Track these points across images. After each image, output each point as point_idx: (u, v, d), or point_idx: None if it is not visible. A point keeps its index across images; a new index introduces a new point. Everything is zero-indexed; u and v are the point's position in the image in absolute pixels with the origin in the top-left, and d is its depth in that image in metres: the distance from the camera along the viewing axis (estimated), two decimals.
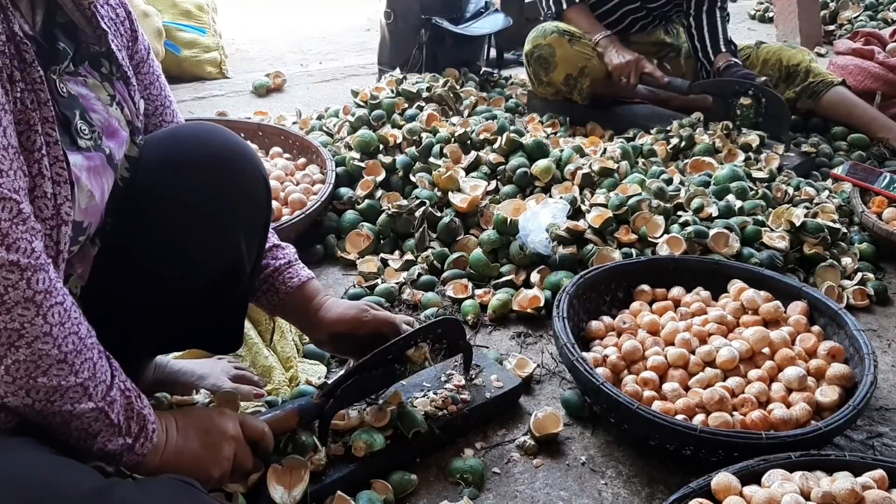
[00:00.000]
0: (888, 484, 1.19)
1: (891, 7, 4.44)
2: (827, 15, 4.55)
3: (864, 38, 3.39)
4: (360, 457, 1.33)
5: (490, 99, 3.14)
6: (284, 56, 3.93)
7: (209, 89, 3.29)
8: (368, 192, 2.28)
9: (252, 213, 1.25)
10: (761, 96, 2.69)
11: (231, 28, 3.97)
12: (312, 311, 1.40)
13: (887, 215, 2.24)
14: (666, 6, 2.98)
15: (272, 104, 3.15)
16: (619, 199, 2.10)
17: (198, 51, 3.43)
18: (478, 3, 3.40)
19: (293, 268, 1.41)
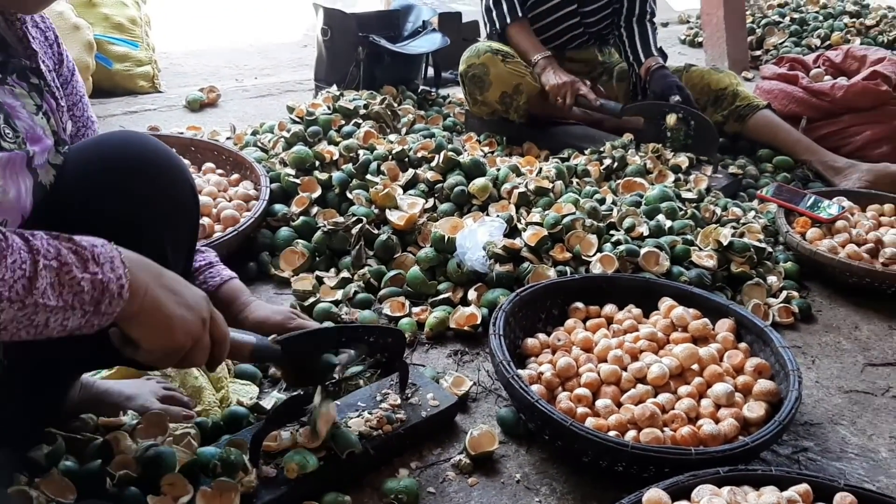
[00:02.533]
0: (813, 498, 1.22)
1: (814, 34, 4.63)
2: (754, 41, 4.71)
3: (788, 63, 3.52)
4: (292, 478, 1.30)
5: (428, 117, 3.15)
6: (219, 71, 3.88)
7: (141, 103, 3.22)
8: (304, 208, 2.26)
9: (179, 220, 1.23)
10: (690, 119, 2.77)
11: (164, 42, 3.89)
12: (236, 311, 1.37)
13: (810, 235, 2.32)
14: (601, 23, 3.08)
15: (206, 119, 3.10)
16: (554, 218, 2.13)
17: (130, 64, 3.35)
18: (415, 23, 3.42)
19: (214, 268, 1.39)
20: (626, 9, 3.05)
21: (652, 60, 2.97)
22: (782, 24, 4.80)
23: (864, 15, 4.83)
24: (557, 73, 2.85)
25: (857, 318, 2.10)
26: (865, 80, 3.03)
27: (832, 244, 2.24)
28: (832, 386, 1.82)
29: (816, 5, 5.02)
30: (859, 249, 2.21)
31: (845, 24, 4.67)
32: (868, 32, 4.61)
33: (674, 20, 5.48)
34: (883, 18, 4.75)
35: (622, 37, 3.07)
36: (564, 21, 2.98)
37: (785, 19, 4.85)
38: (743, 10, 4.53)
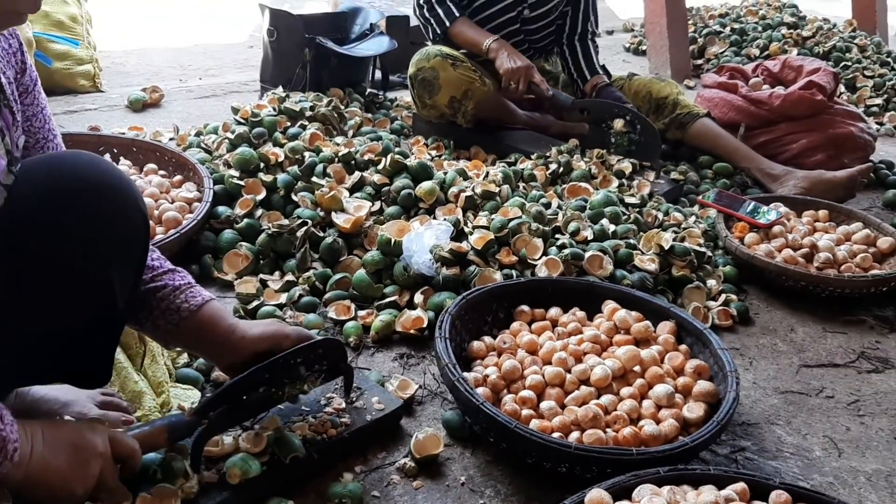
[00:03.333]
0: (749, 496, 1.25)
1: (753, 44, 4.75)
2: (695, 49, 4.82)
3: (728, 72, 3.60)
4: (234, 484, 1.28)
5: (375, 120, 3.14)
6: (163, 71, 3.80)
7: (81, 103, 3.14)
8: (248, 210, 2.23)
9: (127, 246, 1.19)
10: (636, 123, 2.82)
11: (106, 40, 3.81)
12: (227, 332, 1.35)
13: (748, 240, 2.38)
14: (544, 40, 3.14)
15: (148, 120, 3.04)
16: (501, 222, 2.14)
17: (70, 63, 3.27)
18: (363, 25, 3.40)
19: (194, 288, 1.36)
20: (569, 27, 3.12)
21: (598, 78, 3.04)
22: (723, 34, 4.92)
23: (801, 26, 4.98)
24: (512, 57, 2.85)
25: (792, 321, 2.17)
26: (802, 90, 3.12)
27: (769, 249, 2.31)
28: (769, 387, 1.86)
29: (755, 16, 5.16)
30: (795, 254, 2.28)
31: (783, 34, 4.81)
32: (805, 43, 4.76)
33: (619, 28, 5.57)
34: (819, 30, 4.90)
35: (565, 54, 3.14)
36: (508, 38, 3.00)
37: (725, 29, 4.97)
38: (685, 20, 4.64)
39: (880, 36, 5.33)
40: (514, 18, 2.99)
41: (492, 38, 2.88)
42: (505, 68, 2.82)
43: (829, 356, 2.02)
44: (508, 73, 2.82)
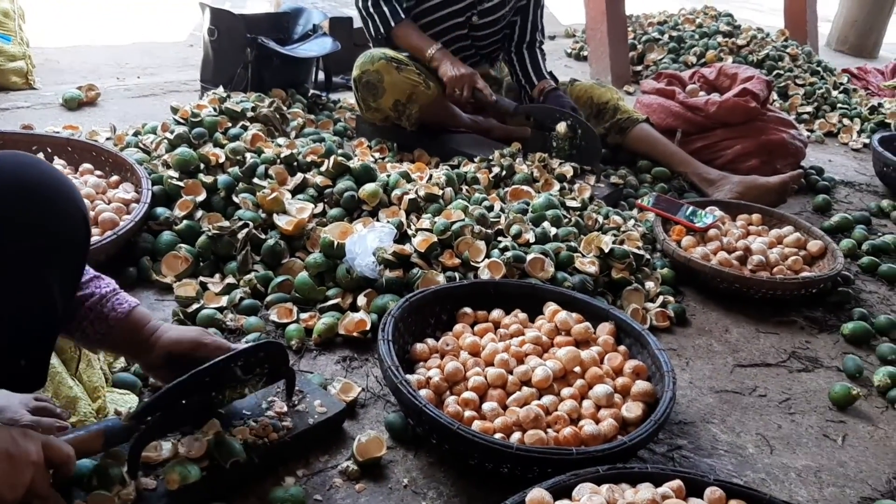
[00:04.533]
0: (685, 493, 1.28)
1: (690, 52, 4.87)
2: (635, 56, 4.92)
3: (666, 79, 3.69)
4: (173, 490, 1.26)
5: (318, 122, 3.12)
6: (99, 69, 3.70)
7: (13, 100, 3.04)
8: (187, 212, 2.19)
9: (67, 252, 1.16)
10: (578, 127, 2.86)
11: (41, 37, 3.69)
12: (147, 334, 1.35)
13: (685, 243, 2.44)
14: (491, 46, 3.17)
15: (84, 118, 2.96)
16: (444, 224, 2.15)
17: (2, 59, 3.16)
18: (306, 26, 3.38)
19: (119, 295, 1.35)
20: (517, 36, 3.16)
21: (545, 83, 3.08)
22: (661, 41, 5.03)
23: (736, 35, 5.12)
24: (455, 65, 2.87)
25: (727, 322, 2.23)
26: (736, 97, 3.21)
27: (705, 252, 2.37)
28: (704, 386, 1.91)
29: (693, 25, 5.29)
30: (729, 256, 2.35)
31: (719, 42, 4.94)
32: (739, 52, 4.90)
33: (560, 34, 5.64)
34: (753, 39, 5.05)
35: (512, 62, 3.18)
36: (456, 42, 3.04)
37: (664, 37, 5.08)
38: (625, 27, 4.72)
39: (811, 46, 5.53)
40: (462, 24, 3.01)
41: (435, 46, 2.89)
42: (449, 76, 2.84)
43: (762, 356, 2.08)
44: (452, 80, 2.84)
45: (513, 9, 3.12)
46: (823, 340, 2.20)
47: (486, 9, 3.01)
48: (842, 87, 4.72)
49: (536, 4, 3.16)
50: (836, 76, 4.90)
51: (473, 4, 2.97)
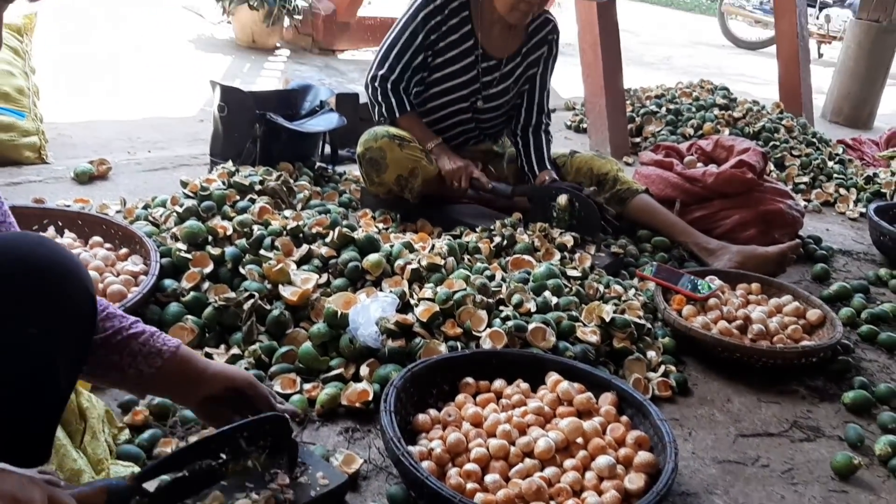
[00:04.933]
0: None
1: (688, 124, 4.97)
2: (634, 128, 5.03)
3: (664, 150, 3.77)
4: None
5: (324, 193, 3.19)
6: (111, 143, 3.80)
7: (26, 175, 3.11)
8: (195, 284, 2.23)
9: (73, 332, 1.19)
10: (575, 200, 2.93)
11: (54, 112, 3.79)
12: (201, 367, 1.40)
13: (686, 312, 2.47)
14: (495, 127, 3.29)
15: (95, 192, 3.02)
16: (446, 294, 2.19)
17: (15, 135, 3.25)
18: (313, 102, 3.48)
19: (163, 335, 1.40)
20: (523, 119, 3.28)
21: (546, 174, 3.16)
22: (659, 113, 5.14)
23: (733, 108, 5.24)
24: (452, 159, 2.99)
25: (729, 391, 2.23)
26: (733, 169, 3.28)
27: (705, 321, 2.39)
28: (707, 457, 1.91)
29: (690, 98, 5.42)
30: (730, 326, 2.37)
31: (716, 115, 5.05)
32: (736, 124, 5.00)
33: (561, 107, 5.77)
34: (749, 111, 5.16)
35: (518, 144, 3.28)
36: (460, 124, 3.17)
37: (662, 109, 5.20)
38: (623, 100, 4.84)
39: (806, 118, 5.65)
40: (467, 108, 3.14)
41: (434, 141, 3.03)
42: (446, 170, 2.96)
43: (764, 426, 2.08)
44: (450, 173, 2.96)
45: (518, 93, 3.23)
46: (825, 409, 2.20)
47: (491, 94, 3.13)
48: (837, 158, 4.81)
49: (542, 88, 3.28)
50: (831, 147, 4.99)
51: (478, 90, 3.10)
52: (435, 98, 3.11)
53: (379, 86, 3.01)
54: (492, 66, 3.10)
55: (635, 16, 13.17)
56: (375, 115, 3.07)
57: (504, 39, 3.10)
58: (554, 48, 3.24)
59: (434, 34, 2.97)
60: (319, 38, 6.82)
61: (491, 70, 3.11)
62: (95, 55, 5.50)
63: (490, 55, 3.09)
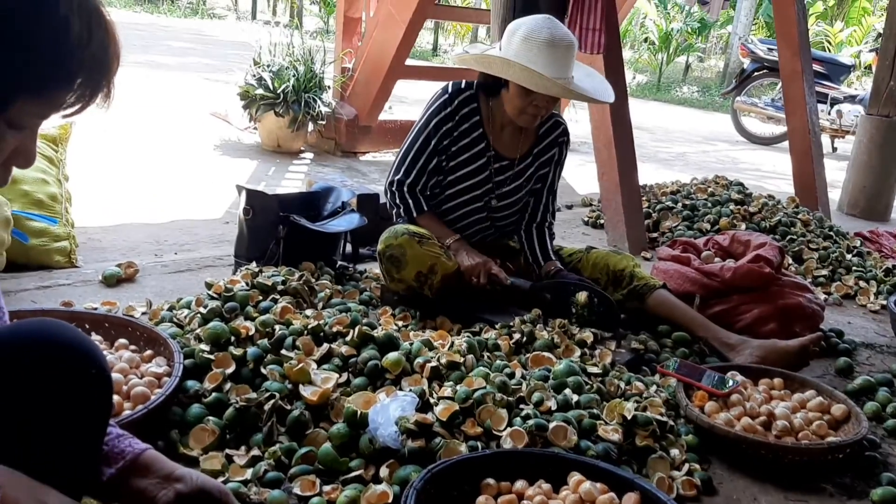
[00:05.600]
0: None
1: (704, 219, 5.02)
2: (651, 223, 5.08)
3: (681, 246, 3.81)
4: None
5: (345, 291, 3.24)
6: (139, 246, 3.91)
7: (55, 278, 3.20)
8: (216, 384, 2.26)
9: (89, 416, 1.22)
10: (594, 297, 2.95)
11: (84, 217, 3.93)
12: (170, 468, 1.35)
13: (709, 408, 2.44)
14: (509, 226, 3.41)
15: (122, 294, 3.10)
16: (466, 392, 2.19)
17: (47, 240, 3.36)
18: (335, 203, 3.58)
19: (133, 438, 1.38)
20: (529, 215, 3.41)
21: (551, 264, 3.28)
22: (675, 209, 5.20)
23: (748, 202, 5.30)
24: (470, 255, 3.07)
25: (755, 490, 2.19)
26: (750, 263, 3.30)
27: (728, 417, 2.36)
28: None
29: (705, 194, 5.49)
30: (753, 422, 2.34)
31: (731, 210, 5.10)
32: (752, 218, 5.04)
33: (577, 203, 5.87)
34: (764, 206, 5.21)
35: (521, 238, 3.41)
36: (476, 224, 3.30)
37: (678, 205, 5.27)
38: (639, 197, 4.92)
39: (822, 211, 5.69)
40: (482, 207, 3.27)
41: (452, 237, 3.15)
42: (465, 266, 3.04)
43: None
44: (469, 269, 3.04)
45: (528, 192, 3.36)
46: None
47: (504, 193, 3.27)
48: (855, 251, 4.81)
49: (549, 191, 3.43)
50: (848, 240, 5.00)
51: (492, 189, 3.23)
52: (451, 199, 3.23)
53: (397, 190, 3.16)
54: (504, 166, 3.22)
55: (649, 114, 13.49)
56: (394, 215, 3.20)
57: (515, 141, 3.23)
58: (564, 150, 3.37)
59: (446, 139, 3.12)
60: (342, 141, 7.04)
61: (504, 170, 3.22)
62: (126, 161, 5.72)
63: (502, 156, 3.21)
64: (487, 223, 3.31)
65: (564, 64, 2.92)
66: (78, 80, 1.01)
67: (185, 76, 10.61)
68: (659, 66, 20.32)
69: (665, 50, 20.14)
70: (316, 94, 6.64)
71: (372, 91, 6.85)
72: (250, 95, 6.55)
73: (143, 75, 9.36)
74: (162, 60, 11.67)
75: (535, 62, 2.87)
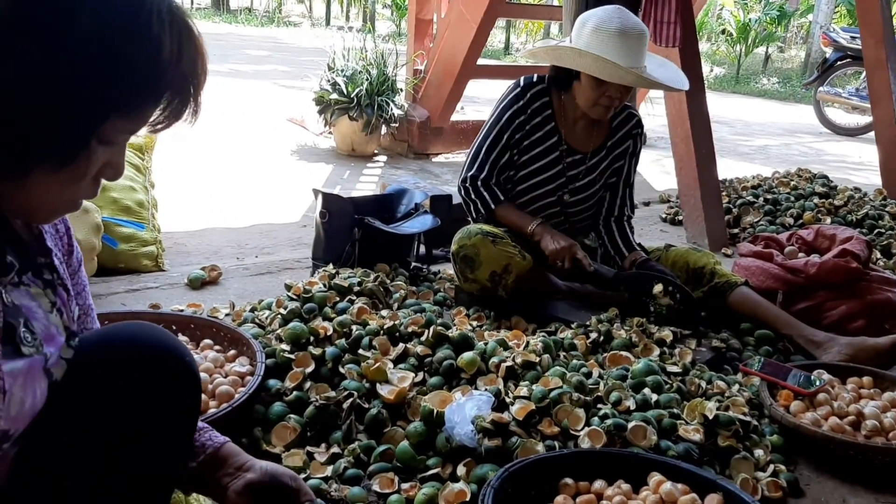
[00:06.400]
0: None
1: (787, 213, 4.87)
2: (731, 219, 4.95)
3: (763, 241, 3.69)
4: None
5: (419, 293, 3.26)
6: (222, 250, 4.03)
7: (143, 282, 3.33)
8: (297, 383, 2.31)
9: (181, 417, 1.27)
10: (676, 292, 2.90)
11: (170, 222, 4.08)
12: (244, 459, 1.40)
13: (794, 408, 2.37)
14: (584, 221, 3.35)
15: (206, 297, 3.20)
16: (542, 392, 2.18)
17: (135, 245, 3.50)
18: (408, 205, 3.61)
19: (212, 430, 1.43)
20: (606, 210, 3.34)
21: (636, 253, 3.20)
22: (757, 203, 5.05)
23: (833, 196, 5.11)
24: (555, 238, 3.04)
25: (844, 492, 2.11)
26: (836, 258, 3.18)
27: (815, 417, 2.29)
28: None
29: (787, 187, 5.32)
30: (841, 422, 2.25)
31: (815, 203, 4.93)
32: (837, 212, 4.86)
33: (655, 199, 5.76)
34: (850, 199, 5.02)
35: (601, 234, 3.34)
36: (549, 220, 3.23)
37: (759, 199, 5.12)
38: (718, 191, 4.80)
39: None
40: (554, 202, 3.23)
41: (535, 222, 3.10)
42: (550, 249, 3.00)
43: None
44: (554, 253, 2.99)
45: (604, 185, 3.30)
46: None
47: (577, 188, 3.22)
48: None
49: (626, 183, 3.35)
50: None
51: (564, 184, 3.19)
52: (523, 194, 3.21)
53: (471, 185, 3.14)
54: (577, 160, 3.18)
55: (728, 107, 13.14)
56: (472, 214, 3.18)
57: (588, 134, 3.19)
58: (638, 143, 3.30)
59: (519, 133, 3.10)
60: (415, 143, 7.10)
61: (576, 164, 3.19)
62: (208, 167, 5.90)
63: (575, 150, 3.17)
64: (561, 218, 3.27)
65: (636, 53, 2.88)
66: (168, 96, 1.04)
67: (261, 83, 10.89)
68: (737, 57, 19.76)
69: (743, 41, 19.56)
70: (388, 97, 6.72)
71: (444, 92, 6.89)
72: (325, 100, 6.67)
73: (222, 84, 9.65)
74: (240, 68, 12.00)
75: (606, 52, 2.83)
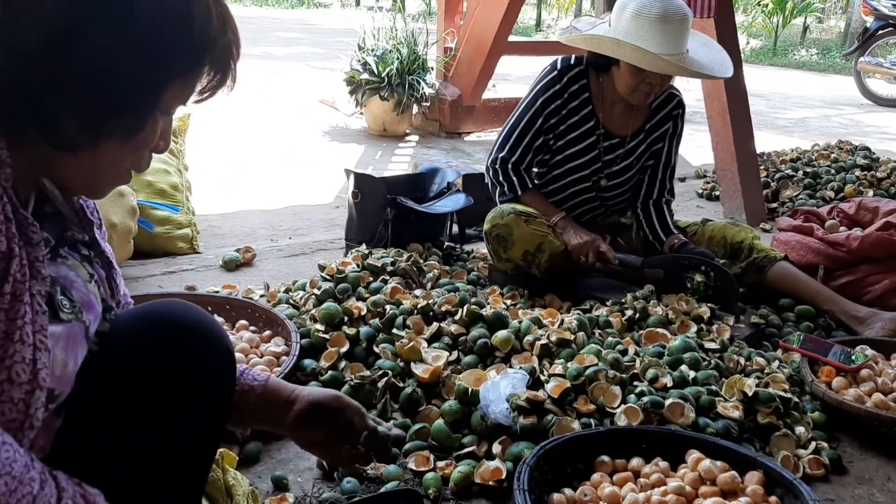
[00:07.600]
0: None
1: (827, 186, 4.76)
2: (769, 193, 4.85)
3: (803, 215, 3.62)
4: None
5: (452, 272, 3.25)
6: (255, 232, 4.05)
7: (179, 264, 3.36)
8: (332, 363, 2.32)
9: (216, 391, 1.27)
10: (711, 272, 2.85)
11: (204, 205, 4.10)
12: (289, 390, 1.43)
13: (836, 384, 2.32)
14: (619, 204, 3.28)
15: (241, 278, 3.22)
16: (577, 370, 2.16)
17: (170, 227, 3.54)
18: (441, 184, 3.60)
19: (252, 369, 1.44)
20: (644, 192, 3.25)
21: (674, 238, 3.12)
22: (796, 177, 4.95)
23: (875, 168, 4.98)
24: (578, 233, 2.98)
25: (889, 469, 2.07)
26: (879, 231, 3.11)
27: (858, 393, 2.24)
28: None
29: (828, 160, 5.20)
30: (885, 398, 2.20)
31: (857, 176, 4.81)
32: (880, 184, 4.74)
33: (691, 175, 5.67)
34: (893, 171, 4.89)
35: (639, 217, 3.25)
36: (585, 204, 3.20)
37: (798, 173, 5.01)
38: (756, 165, 4.70)
39: None
40: (590, 187, 3.17)
41: (558, 215, 3.04)
42: (572, 245, 2.95)
43: None
44: (576, 248, 2.95)
45: (642, 168, 3.23)
46: None
47: (614, 172, 3.15)
48: None
49: (666, 165, 3.25)
50: None
51: (600, 169, 3.12)
52: (559, 178, 3.15)
53: (500, 167, 3.08)
54: (614, 144, 3.11)
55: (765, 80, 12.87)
56: (497, 196, 3.12)
57: (626, 118, 3.11)
58: (679, 124, 3.20)
59: (554, 117, 3.03)
60: (446, 122, 7.06)
61: (613, 148, 3.12)
62: (241, 150, 5.93)
63: (612, 134, 3.10)
64: (597, 202, 3.21)
65: (678, 39, 2.78)
66: (213, 65, 1.10)
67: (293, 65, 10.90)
68: (774, 29, 19.33)
69: (780, 12, 19.11)
70: (419, 76, 6.68)
71: (475, 70, 6.82)
72: (356, 81, 6.65)
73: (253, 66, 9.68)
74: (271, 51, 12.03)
75: (647, 40, 2.73)
